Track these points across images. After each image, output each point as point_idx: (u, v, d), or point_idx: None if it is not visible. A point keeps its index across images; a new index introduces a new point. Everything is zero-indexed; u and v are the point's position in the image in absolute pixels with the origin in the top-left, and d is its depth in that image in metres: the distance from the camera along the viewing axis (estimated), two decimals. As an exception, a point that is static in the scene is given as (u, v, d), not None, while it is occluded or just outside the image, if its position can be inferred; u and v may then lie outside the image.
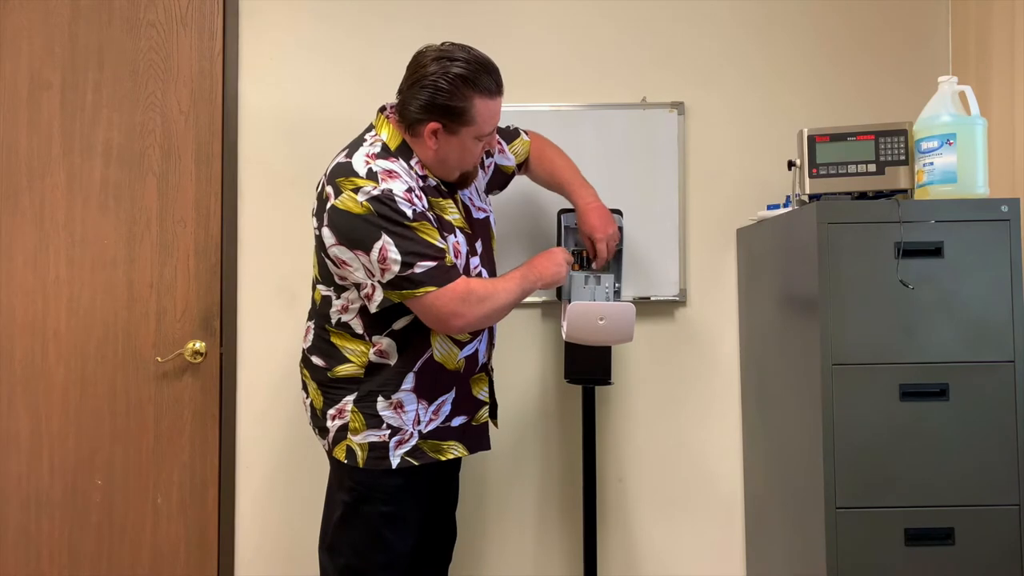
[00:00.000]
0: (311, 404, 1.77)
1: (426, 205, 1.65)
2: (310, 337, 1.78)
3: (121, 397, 2.29)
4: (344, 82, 2.33)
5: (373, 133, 1.71)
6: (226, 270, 2.31)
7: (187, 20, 2.33)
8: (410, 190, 1.62)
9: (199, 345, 2.28)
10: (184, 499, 2.30)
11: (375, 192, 1.58)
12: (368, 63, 2.33)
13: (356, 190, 1.59)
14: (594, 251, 1.94)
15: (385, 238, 1.57)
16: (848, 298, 1.73)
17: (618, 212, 2.04)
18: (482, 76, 1.63)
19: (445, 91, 1.60)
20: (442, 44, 1.66)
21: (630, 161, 2.28)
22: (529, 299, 2.28)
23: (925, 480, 1.71)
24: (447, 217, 1.71)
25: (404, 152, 1.69)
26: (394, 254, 1.58)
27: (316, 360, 1.74)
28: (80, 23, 2.31)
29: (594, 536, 2.12)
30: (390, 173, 1.62)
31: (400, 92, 1.68)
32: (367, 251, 1.59)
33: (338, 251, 1.63)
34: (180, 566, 2.29)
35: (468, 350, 1.76)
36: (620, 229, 2.01)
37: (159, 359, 2.29)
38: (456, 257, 1.69)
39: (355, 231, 1.59)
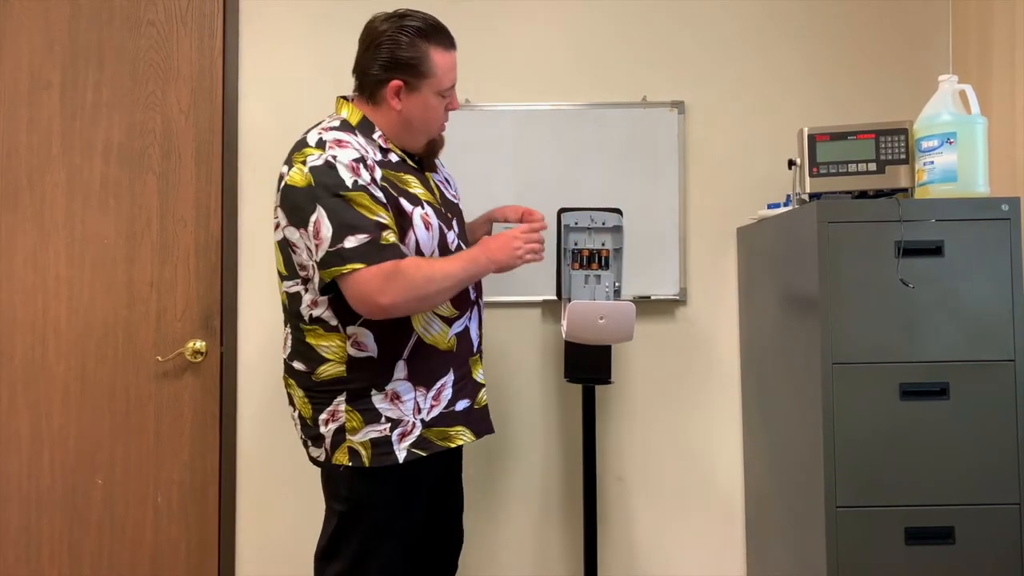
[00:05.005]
0: (299, 416, 1.70)
1: (377, 178, 1.60)
2: (289, 343, 1.72)
3: (121, 396, 2.29)
4: (344, 81, 2.32)
5: (332, 114, 1.71)
6: (226, 269, 2.31)
7: (187, 19, 2.33)
8: (360, 160, 1.58)
9: (199, 344, 2.28)
10: (184, 498, 2.30)
11: (318, 161, 1.56)
12: (368, 62, 2.33)
13: (304, 161, 1.57)
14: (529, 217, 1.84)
15: (320, 210, 1.53)
16: (848, 297, 1.73)
17: (618, 211, 2.04)
18: (435, 30, 1.66)
19: (404, 43, 1.62)
20: (392, 10, 1.68)
21: (630, 160, 2.28)
22: (529, 298, 2.29)
23: (925, 479, 1.71)
24: (411, 190, 1.66)
25: (365, 127, 1.67)
26: (326, 228, 1.53)
27: (298, 365, 1.68)
28: (80, 22, 2.31)
29: (594, 535, 2.12)
30: (339, 142, 1.59)
31: (357, 64, 1.69)
32: (305, 226, 1.55)
33: (288, 232, 1.60)
34: (180, 565, 2.29)
35: (458, 326, 1.70)
36: (620, 228, 2.02)
37: (159, 358, 2.29)
38: (427, 228, 1.64)
39: (297, 206, 1.56)
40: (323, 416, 1.65)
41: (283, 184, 1.59)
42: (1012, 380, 1.71)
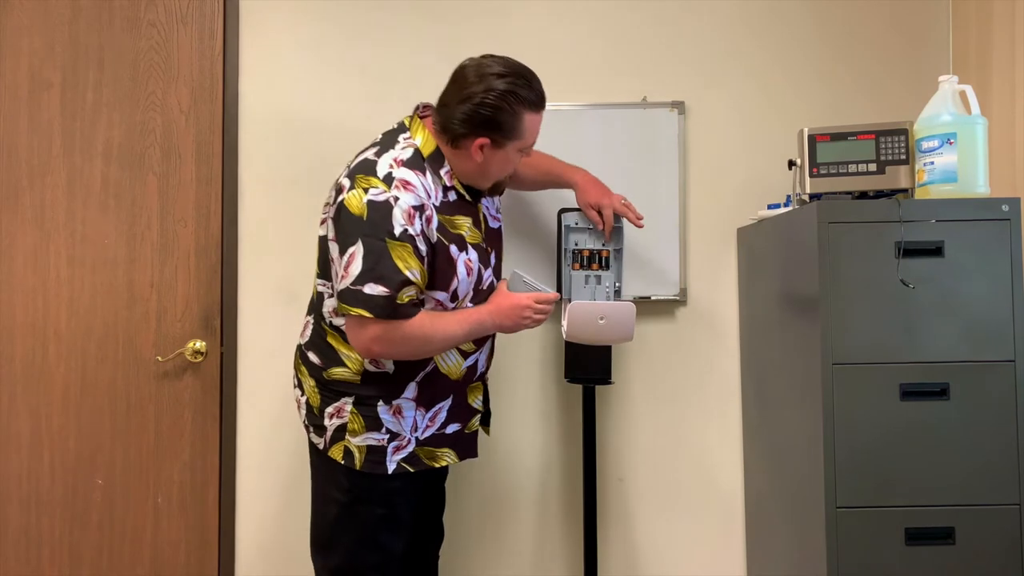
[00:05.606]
0: (307, 402, 1.75)
1: (432, 229, 1.62)
2: (308, 332, 1.77)
3: (122, 397, 2.29)
4: (344, 82, 2.33)
5: (407, 136, 1.67)
6: (226, 269, 2.31)
7: (187, 20, 2.33)
8: (418, 208, 1.59)
9: (199, 344, 2.28)
10: (184, 498, 2.30)
11: (380, 197, 1.56)
12: (368, 62, 2.33)
13: (367, 189, 1.57)
14: (602, 221, 1.96)
15: (359, 245, 1.56)
16: (848, 298, 1.73)
17: (618, 212, 2.04)
18: (526, 90, 1.61)
19: (493, 106, 1.58)
20: (482, 57, 1.64)
21: (631, 160, 2.28)
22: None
23: (925, 480, 1.71)
24: (462, 233, 1.68)
25: (436, 160, 1.66)
26: (356, 266, 1.56)
27: (313, 357, 1.73)
28: (80, 22, 2.31)
29: (594, 536, 2.12)
30: (406, 184, 1.59)
31: (444, 105, 1.64)
32: (342, 253, 1.58)
33: (332, 247, 1.63)
34: (180, 565, 2.29)
35: (471, 360, 1.76)
36: (620, 229, 2.02)
37: (159, 358, 2.29)
38: (468, 274, 1.68)
39: (343, 231, 1.59)
40: (329, 409, 1.70)
41: (341, 199, 1.60)
42: (1012, 380, 1.71)
